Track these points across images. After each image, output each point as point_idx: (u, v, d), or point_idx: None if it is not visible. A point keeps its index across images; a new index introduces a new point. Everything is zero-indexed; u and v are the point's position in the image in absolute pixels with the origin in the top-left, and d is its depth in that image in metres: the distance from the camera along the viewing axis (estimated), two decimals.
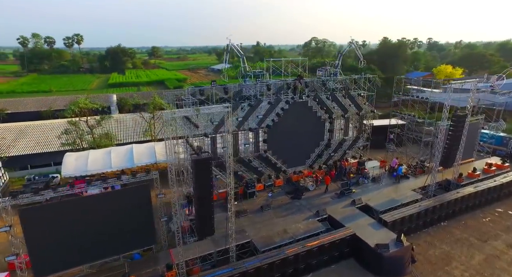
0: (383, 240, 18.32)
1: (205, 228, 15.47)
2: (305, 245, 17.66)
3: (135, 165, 26.85)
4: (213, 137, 22.19)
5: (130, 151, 27.78)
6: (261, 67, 24.11)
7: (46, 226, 14.48)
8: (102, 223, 15.87)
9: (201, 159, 14.08)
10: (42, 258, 14.59)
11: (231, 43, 21.33)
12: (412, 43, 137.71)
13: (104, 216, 15.80)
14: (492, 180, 25.15)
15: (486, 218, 23.10)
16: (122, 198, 16.35)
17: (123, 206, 16.19)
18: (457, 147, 23.70)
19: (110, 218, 16.02)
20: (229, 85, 21.89)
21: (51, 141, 34.12)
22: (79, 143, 29.70)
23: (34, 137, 35.90)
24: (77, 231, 15.36)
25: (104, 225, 15.92)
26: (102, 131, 32.81)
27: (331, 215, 20.97)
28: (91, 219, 15.58)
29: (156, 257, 17.62)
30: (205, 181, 14.46)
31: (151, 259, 17.47)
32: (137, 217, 16.56)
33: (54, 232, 14.73)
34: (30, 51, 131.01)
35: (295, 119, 24.78)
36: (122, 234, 16.44)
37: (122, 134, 37.15)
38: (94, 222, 15.67)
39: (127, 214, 16.34)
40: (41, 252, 14.50)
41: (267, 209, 21.65)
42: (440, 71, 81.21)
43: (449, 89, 21.87)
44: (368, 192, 24.20)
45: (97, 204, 15.76)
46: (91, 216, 15.56)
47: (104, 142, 30.81)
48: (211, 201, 15.12)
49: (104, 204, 15.90)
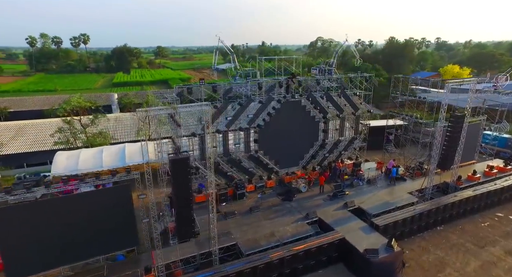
0: (374, 244, 17.61)
1: (185, 230, 15.03)
2: (290, 249, 17.05)
3: (126, 165, 26.60)
4: (203, 137, 21.78)
5: (122, 150, 27.53)
6: (253, 65, 23.62)
7: (21, 227, 14.19)
8: (81, 224, 15.53)
9: (178, 159, 13.65)
10: (16, 260, 14.29)
11: (221, 41, 20.86)
12: (419, 43, 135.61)
13: (83, 216, 15.46)
14: (493, 184, 24.17)
15: (485, 223, 22.17)
16: (102, 198, 16.00)
17: (103, 206, 15.83)
18: (456, 149, 22.83)
19: (89, 219, 15.67)
20: (218, 84, 21.46)
21: (48, 140, 34.11)
22: (72, 142, 29.58)
23: (32, 136, 35.97)
24: (54, 232, 15.04)
25: (83, 226, 15.58)
26: (97, 130, 32.68)
27: (322, 218, 20.33)
28: (69, 219, 15.25)
29: (138, 258, 17.22)
30: (183, 182, 14.03)
31: (133, 261, 17.09)
32: (118, 218, 16.19)
33: (30, 233, 14.43)
34: (38, 51, 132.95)
35: (288, 118, 24.22)
36: (103, 235, 16.07)
37: (121, 133, 37.04)
38: (72, 222, 15.33)
39: (108, 215, 15.98)
40: (15, 254, 14.20)
41: (255, 211, 21.12)
42: (447, 71, 79.61)
43: (447, 88, 21.04)
44: (362, 194, 23.48)
45: (76, 205, 15.43)
46: (69, 216, 15.23)
47: (99, 141, 30.66)
48: (191, 202, 14.67)
49: (83, 204, 15.56)
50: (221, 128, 21.96)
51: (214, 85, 21.25)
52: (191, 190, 14.37)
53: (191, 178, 13.93)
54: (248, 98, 22.31)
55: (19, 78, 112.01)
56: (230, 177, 23.28)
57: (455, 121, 21.81)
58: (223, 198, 22.07)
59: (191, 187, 14.30)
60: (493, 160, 29.30)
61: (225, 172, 23.05)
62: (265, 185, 24.20)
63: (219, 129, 21.92)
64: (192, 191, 14.35)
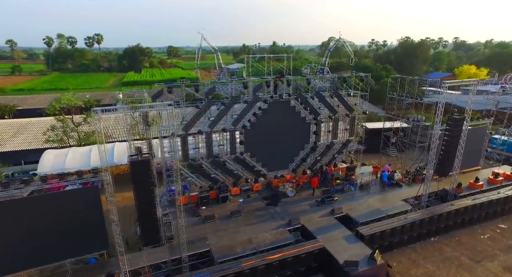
0: (356, 256, 16.42)
1: (149, 236, 14.33)
2: (264, 258, 16.10)
3: (114, 164, 26.32)
4: (184, 137, 21.11)
5: (111, 150, 27.24)
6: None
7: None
8: (48, 226, 15.04)
9: (137, 161, 12.97)
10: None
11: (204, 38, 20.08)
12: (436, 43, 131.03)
13: (51, 218, 14.95)
14: (496, 192, 22.39)
15: (485, 235, 20.49)
16: (70, 199, 15.48)
17: (71, 208, 15.30)
18: (454, 154, 21.24)
19: (57, 221, 15.14)
20: (200, 82, 20.72)
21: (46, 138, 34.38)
22: (65, 140, 29.56)
23: (32, 133, 36.40)
24: (20, 233, 14.63)
25: (50, 227, 15.09)
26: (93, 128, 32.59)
27: (305, 224, 19.24)
28: (34, 221, 14.75)
29: (107, 263, 16.67)
30: (144, 185, 13.34)
31: (101, 265, 16.54)
32: (86, 220, 15.61)
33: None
34: (56, 51, 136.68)
35: (277, 120, 23.24)
36: (71, 237, 15.53)
37: (120, 132, 36.93)
38: (37, 224, 14.83)
39: (76, 217, 15.41)
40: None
41: (236, 215, 20.23)
42: (463, 71, 76.38)
43: (444, 89, 19.55)
44: (352, 200, 22.22)
45: (42, 206, 14.97)
46: (34, 218, 14.76)
47: (93, 140, 30.52)
48: (154, 207, 13.96)
49: (50, 205, 15.09)
50: (203, 129, 21.23)
51: (196, 84, 20.54)
52: (154, 194, 13.67)
53: (153, 181, 13.23)
54: (232, 98, 21.48)
55: (36, 77, 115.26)
56: (214, 179, 22.51)
57: (453, 125, 20.27)
58: (204, 201, 21.31)
59: (154, 190, 13.60)
60: (501, 166, 27.34)
61: (209, 174, 22.29)
62: (251, 189, 23.26)
63: (201, 130, 21.19)
64: (155, 195, 13.66)
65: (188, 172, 21.93)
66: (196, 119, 20.87)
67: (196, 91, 20.58)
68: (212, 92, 21.05)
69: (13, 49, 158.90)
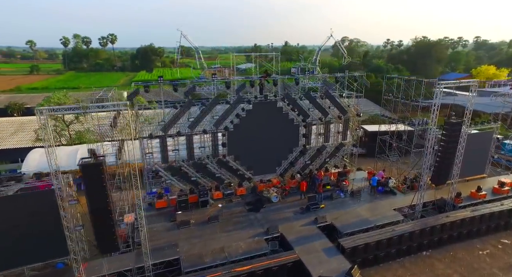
0: (332, 270, 15.15)
1: (105, 243, 13.53)
2: (231, 270, 15.04)
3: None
4: (164, 138, 20.33)
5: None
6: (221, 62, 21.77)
7: None
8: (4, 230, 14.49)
9: (88, 164, 12.19)
10: None
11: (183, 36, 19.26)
12: (455, 42, 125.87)
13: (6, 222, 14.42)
14: (499, 204, 20.45)
15: (484, 251, 18.65)
16: (26, 203, 14.83)
17: (27, 212, 14.69)
18: (452, 161, 19.51)
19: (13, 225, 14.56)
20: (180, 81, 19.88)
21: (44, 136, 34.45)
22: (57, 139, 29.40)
23: (31, 131, 36.70)
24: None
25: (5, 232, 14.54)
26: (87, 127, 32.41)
27: (284, 234, 18.04)
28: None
29: (69, 270, 15.96)
30: (97, 190, 12.54)
31: (64, 272, 15.92)
32: (44, 225, 14.92)
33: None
34: (72, 51, 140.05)
35: (263, 121, 22.15)
36: (29, 243, 14.96)
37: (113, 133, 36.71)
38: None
39: (33, 221, 14.74)
40: None
41: (214, 221, 19.24)
42: (481, 72, 72.80)
43: (439, 90, 17.88)
44: (340, 208, 20.79)
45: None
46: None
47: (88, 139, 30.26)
48: (110, 213, 13.15)
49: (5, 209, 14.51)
50: (182, 130, 20.37)
51: (175, 83, 19.70)
52: (109, 199, 12.86)
53: (106, 186, 12.44)
54: (214, 98, 20.53)
55: (52, 76, 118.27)
56: (195, 182, 21.61)
57: (450, 129, 18.58)
58: (182, 205, 20.43)
59: (109, 195, 12.79)
60: (510, 174, 25.19)
61: (189, 177, 21.41)
62: (234, 193, 22.24)
63: (180, 131, 20.33)
64: (110, 201, 12.86)
65: (168, 175, 21.14)
66: (176, 119, 20.05)
67: (175, 91, 19.74)
68: (191, 92, 20.14)
69: (33, 49, 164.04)
